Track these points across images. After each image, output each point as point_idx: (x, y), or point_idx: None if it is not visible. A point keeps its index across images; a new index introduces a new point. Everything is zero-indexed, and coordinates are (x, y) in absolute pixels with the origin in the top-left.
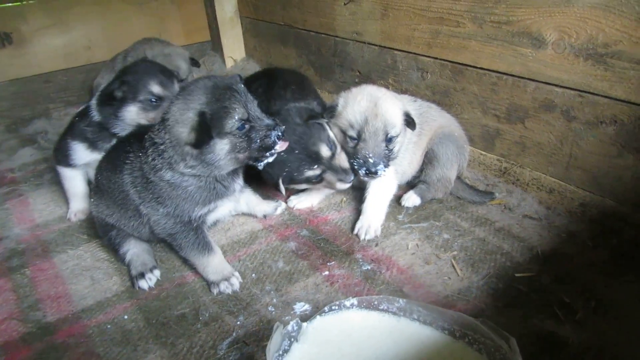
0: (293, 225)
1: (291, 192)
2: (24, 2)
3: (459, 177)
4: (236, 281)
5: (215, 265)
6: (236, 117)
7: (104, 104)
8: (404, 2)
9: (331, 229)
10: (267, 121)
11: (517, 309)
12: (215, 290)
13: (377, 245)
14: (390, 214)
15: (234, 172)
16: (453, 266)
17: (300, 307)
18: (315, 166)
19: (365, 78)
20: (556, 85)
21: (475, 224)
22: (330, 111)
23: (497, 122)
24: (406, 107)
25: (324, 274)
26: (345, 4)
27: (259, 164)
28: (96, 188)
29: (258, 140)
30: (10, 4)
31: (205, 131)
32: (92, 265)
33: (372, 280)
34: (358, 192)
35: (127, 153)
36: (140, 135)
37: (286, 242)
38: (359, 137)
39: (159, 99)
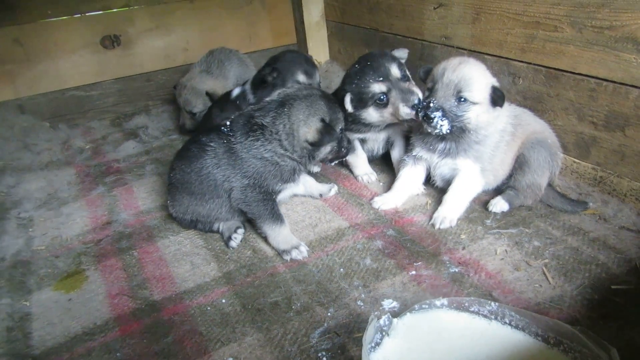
0: (379, 224)
1: (374, 194)
2: (132, 7)
3: (550, 185)
4: (304, 249)
5: (285, 235)
6: (340, 127)
7: (257, 87)
8: (498, 6)
9: (417, 230)
10: (345, 137)
11: (614, 321)
12: (287, 257)
13: (464, 248)
14: (477, 218)
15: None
16: (544, 274)
17: (389, 303)
18: (382, 79)
19: None
20: None
21: (568, 233)
22: (425, 71)
23: (594, 130)
24: (497, 85)
25: (411, 273)
26: (435, 8)
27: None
28: (170, 190)
29: (343, 149)
30: (119, 9)
31: (328, 135)
32: (191, 252)
33: (460, 283)
34: (443, 195)
35: (205, 142)
36: (211, 129)
37: (373, 241)
38: (432, 88)
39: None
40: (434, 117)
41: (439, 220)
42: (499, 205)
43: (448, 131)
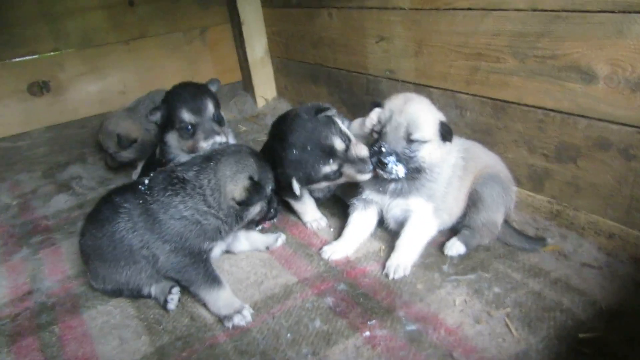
0: (330, 278)
1: (324, 241)
2: (62, 52)
3: (506, 221)
4: (248, 313)
5: (225, 298)
6: (269, 187)
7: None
8: (439, 39)
9: (370, 282)
10: (275, 198)
11: None
12: (229, 324)
13: (421, 300)
14: (433, 264)
15: None
16: (507, 326)
17: None
18: (331, 160)
19: None
20: (611, 122)
21: (529, 275)
22: (372, 106)
23: (546, 162)
24: (444, 120)
25: (364, 334)
26: (377, 42)
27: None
28: (82, 257)
29: (272, 211)
30: (48, 54)
31: (257, 194)
32: (121, 323)
33: (418, 343)
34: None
35: (119, 203)
36: (126, 189)
37: (323, 298)
38: (380, 132)
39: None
40: (388, 163)
41: (392, 269)
42: (455, 247)
43: (405, 175)
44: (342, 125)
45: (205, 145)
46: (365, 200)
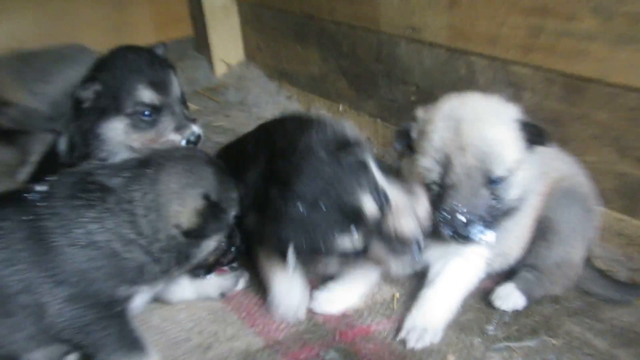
0: (314, 341)
1: (314, 281)
2: None
3: (587, 260)
4: None
5: None
6: (233, 214)
7: (73, 116)
8: None
9: (376, 350)
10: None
11: None
12: None
13: None
14: (473, 324)
15: None
16: None
17: None
18: (354, 230)
19: (426, 95)
20: None
21: (619, 343)
22: (400, 137)
23: None
24: (519, 114)
25: None
26: None
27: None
28: None
29: (232, 250)
30: None
31: (214, 221)
32: None
33: None
34: (421, 281)
35: None
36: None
37: None
38: (442, 183)
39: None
40: (474, 234)
41: (414, 333)
42: (512, 299)
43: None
44: (378, 173)
45: (176, 138)
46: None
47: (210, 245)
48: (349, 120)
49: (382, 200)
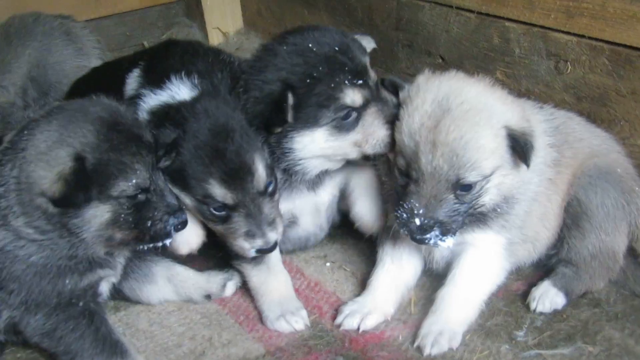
0: (320, 348)
1: (337, 300)
2: None
3: (631, 250)
4: None
5: None
6: (133, 181)
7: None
8: None
9: (390, 357)
10: (170, 200)
11: None
12: None
13: None
14: (501, 329)
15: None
16: None
17: None
18: (360, 81)
19: (453, 68)
20: None
21: None
22: (388, 88)
23: None
24: (514, 119)
25: None
26: None
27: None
28: None
29: (149, 223)
30: None
31: (81, 186)
32: None
33: None
34: (441, 282)
35: None
36: None
37: None
38: (407, 173)
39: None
40: (429, 239)
41: (429, 338)
42: (549, 298)
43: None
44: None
45: None
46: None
47: (99, 216)
48: None
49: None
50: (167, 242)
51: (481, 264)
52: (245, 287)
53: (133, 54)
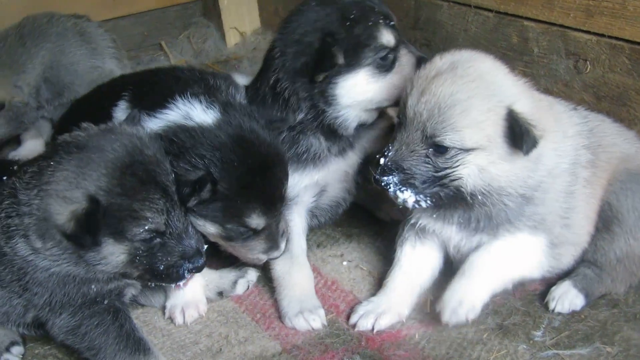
0: (337, 346)
1: (354, 299)
2: None
3: None
4: None
5: None
6: (145, 227)
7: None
8: None
9: (407, 356)
10: (187, 243)
11: None
12: None
13: None
14: (518, 328)
15: None
16: None
17: None
18: (392, 23)
19: None
20: None
21: None
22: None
23: None
24: (523, 107)
25: None
26: None
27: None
28: None
29: (162, 266)
30: None
31: (91, 228)
32: None
33: None
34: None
35: None
36: None
37: None
38: (399, 116)
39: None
40: (387, 184)
41: (449, 308)
42: (569, 299)
43: (417, 205)
44: None
45: None
46: (418, 228)
47: (116, 255)
48: None
49: None
50: (181, 283)
51: (519, 245)
52: (261, 286)
53: (106, 85)
